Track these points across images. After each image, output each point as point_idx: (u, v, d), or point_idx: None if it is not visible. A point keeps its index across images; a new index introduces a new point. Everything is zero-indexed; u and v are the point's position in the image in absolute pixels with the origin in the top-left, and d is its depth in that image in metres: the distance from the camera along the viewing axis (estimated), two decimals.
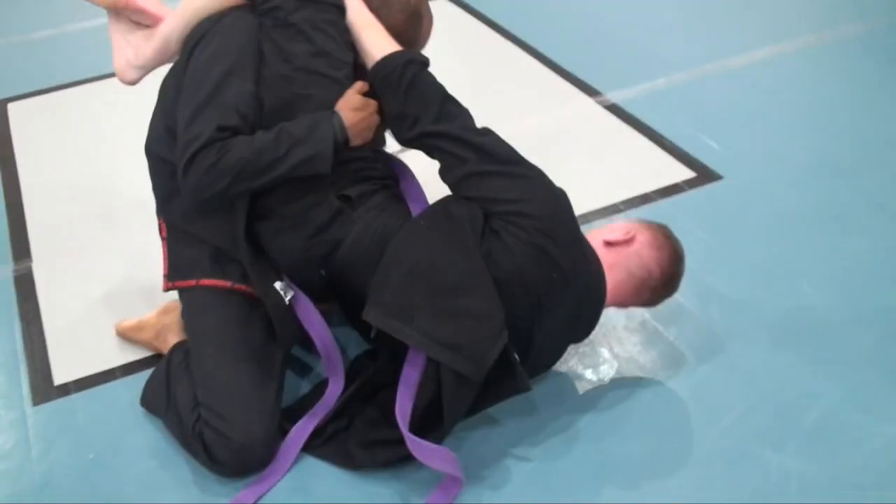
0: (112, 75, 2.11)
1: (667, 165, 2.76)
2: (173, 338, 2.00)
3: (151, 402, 1.91)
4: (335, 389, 1.86)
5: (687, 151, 2.80)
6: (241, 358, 1.79)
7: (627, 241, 1.86)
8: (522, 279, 1.70)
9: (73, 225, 2.62)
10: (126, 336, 2.12)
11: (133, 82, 2.05)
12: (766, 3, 3.85)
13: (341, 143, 1.74)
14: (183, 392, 1.82)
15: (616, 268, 1.84)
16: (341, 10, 1.82)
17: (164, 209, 1.94)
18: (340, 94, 1.77)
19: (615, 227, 1.90)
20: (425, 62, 1.83)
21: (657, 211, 2.54)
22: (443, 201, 1.80)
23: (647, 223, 1.93)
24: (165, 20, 1.96)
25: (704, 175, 2.69)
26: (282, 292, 1.81)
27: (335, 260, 1.80)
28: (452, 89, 1.85)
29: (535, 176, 1.80)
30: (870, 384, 1.95)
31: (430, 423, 1.69)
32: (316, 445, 1.82)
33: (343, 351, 2.01)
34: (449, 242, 1.70)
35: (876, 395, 1.92)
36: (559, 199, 1.79)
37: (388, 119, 1.83)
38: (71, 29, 3.90)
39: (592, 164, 2.79)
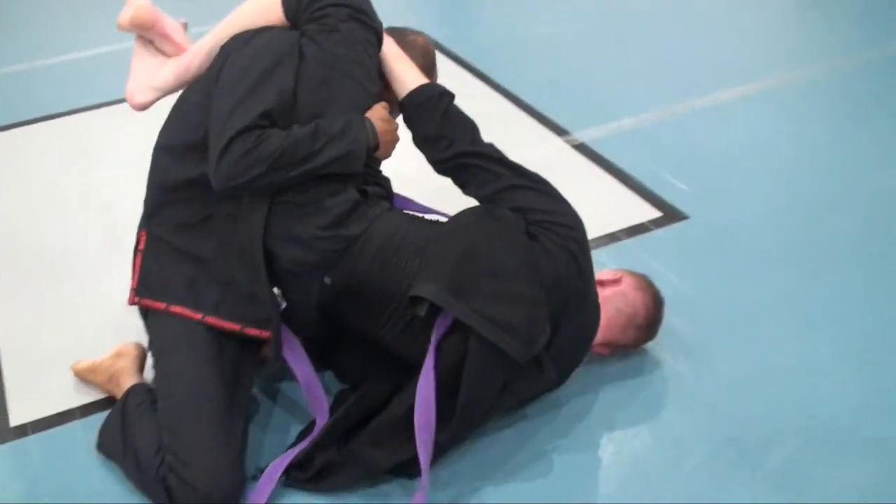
0: (76, 111, 2.11)
1: (634, 205, 2.77)
2: (127, 381, 1.97)
3: (107, 447, 1.87)
4: (321, 425, 1.85)
5: (653, 191, 2.82)
6: (209, 403, 1.76)
7: (616, 281, 2.03)
8: (559, 282, 1.83)
9: (31, 262, 2.59)
10: (81, 377, 2.09)
11: (144, 106, 2.06)
12: (732, 44, 3.91)
13: (372, 147, 1.81)
14: (143, 434, 1.78)
15: (606, 304, 1.98)
16: (379, 38, 1.93)
17: (152, 220, 1.92)
18: (369, 106, 1.86)
19: (603, 272, 2.05)
20: (454, 96, 1.98)
21: (624, 251, 2.55)
22: (482, 206, 1.92)
23: (633, 272, 2.09)
24: (191, 48, 2.01)
25: (670, 215, 2.71)
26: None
27: (346, 260, 1.80)
28: None
29: (561, 196, 1.97)
30: (832, 428, 1.94)
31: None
32: (305, 479, 1.80)
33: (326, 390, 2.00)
34: (501, 232, 1.83)
35: (838, 440, 1.92)
36: (580, 218, 1.95)
37: (423, 141, 1.96)
38: (39, 65, 3.89)
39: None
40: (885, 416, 1.97)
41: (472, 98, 3.48)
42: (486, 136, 1.99)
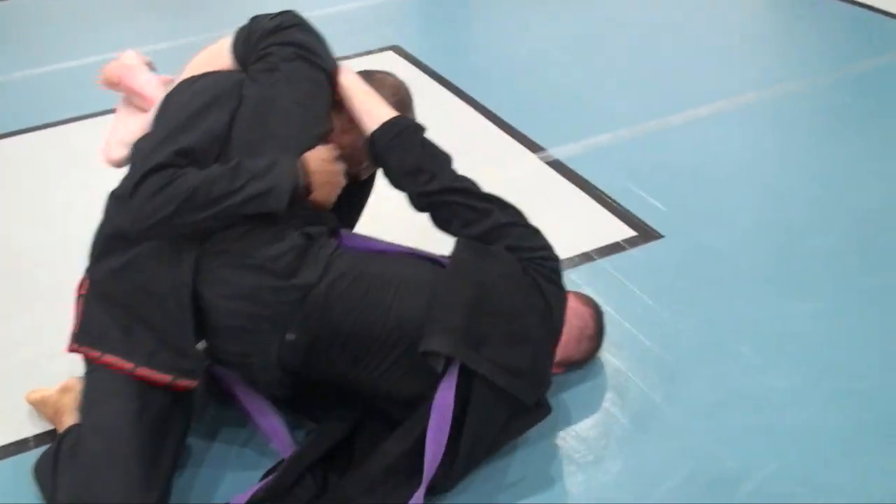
0: (51, 125, 2.07)
1: (608, 224, 2.73)
2: (67, 419, 1.90)
3: (42, 481, 1.81)
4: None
5: (628, 209, 2.78)
6: (123, 465, 1.66)
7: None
8: (551, 314, 1.83)
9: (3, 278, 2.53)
10: (33, 407, 2.02)
11: (117, 162, 1.99)
12: (707, 61, 3.89)
13: (301, 186, 1.70)
14: (64, 487, 1.70)
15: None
16: (329, 78, 1.85)
17: (95, 265, 1.84)
18: (311, 147, 1.76)
19: None
20: (426, 129, 1.91)
21: (597, 271, 2.50)
22: (477, 245, 1.84)
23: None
24: (156, 101, 1.95)
25: (645, 234, 2.67)
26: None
27: (308, 310, 1.69)
28: None
29: (536, 227, 1.94)
30: (806, 455, 1.90)
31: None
32: None
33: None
34: (504, 272, 1.79)
35: (811, 467, 1.87)
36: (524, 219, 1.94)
37: (402, 175, 1.86)
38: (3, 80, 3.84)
39: (532, 221, 2.74)
40: (864, 443, 1.93)
41: (445, 114, 3.49)
42: (459, 152, 1.95)
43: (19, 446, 1.97)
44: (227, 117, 1.72)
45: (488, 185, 2.94)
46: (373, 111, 1.87)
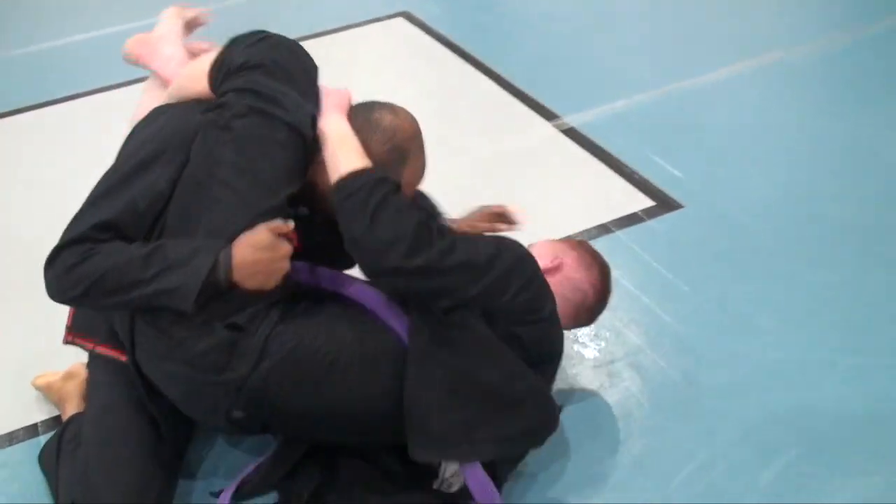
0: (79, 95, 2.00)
1: (625, 194, 2.66)
2: (70, 407, 1.87)
3: (46, 468, 1.80)
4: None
5: (646, 178, 2.71)
6: (127, 463, 1.63)
7: (556, 268, 1.78)
8: (541, 361, 1.69)
9: (13, 264, 2.49)
10: (40, 391, 2.00)
11: None
12: (728, 21, 3.76)
13: (222, 282, 1.46)
14: (64, 481, 1.68)
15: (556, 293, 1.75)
16: (300, 134, 1.56)
17: None
18: (251, 224, 1.49)
19: (540, 252, 1.79)
20: (399, 184, 1.57)
21: (614, 242, 2.44)
22: (440, 322, 1.57)
23: (570, 242, 1.88)
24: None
25: (664, 204, 2.60)
26: None
27: (250, 393, 1.54)
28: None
29: (508, 261, 1.61)
30: (830, 438, 1.84)
31: None
32: None
33: None
34: (476, 345, 1.58)
35: (837, 449, 1.81)
36: (519, 255, 1.65)
37: (350, 245, 1.55)
38: (16, 54, 3.77)
39: (547, 192, 2.69)
40: (891, 422, 1.87)
41: (456, 81, 3.41)
42: (471, 121, 1.83)
43: (28, 431, 1.95)
44: (173, 173, 1.53)
45: (501, 155, 2.93)
46: (338, 163, 1.56)
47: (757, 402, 1.93)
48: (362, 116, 1.64)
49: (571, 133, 2.97)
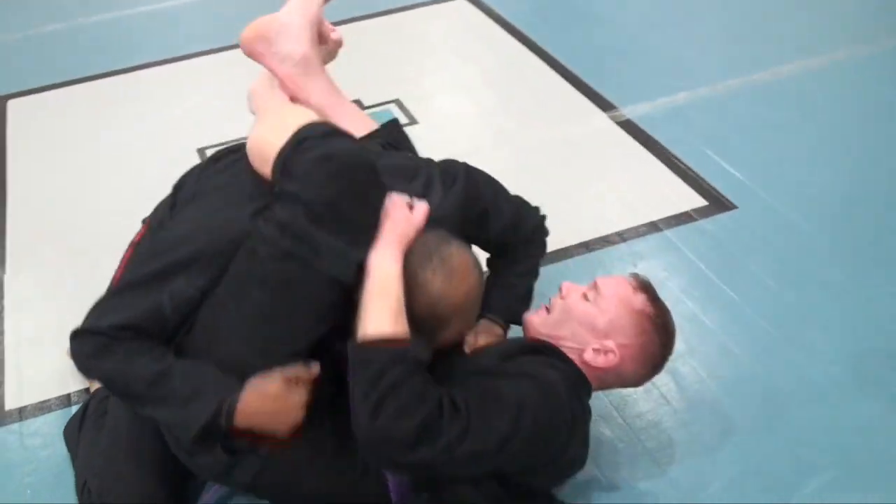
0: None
1: (677, 191, 2.58)
2: (96, 382, 1.89)
3: (68, 440, 1.83)
4: None
5: (701, 175, 2.62)
6: (145, 460, 1.63)
7: (608, 353, 1.59)
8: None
9: (54, 235, 2.53)
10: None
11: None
12: (795, 15, 3.60)
13: (222, 427, 1.41)
14: (82, 456, 1.70)
15: (601, 384, 1.65)
16: (338, 281, 1.45)
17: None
18: (266, 368, 1.44)
19: (587, 337, 1.61)
20: (421, 361, 1.43)
21: (661, 242, 2.37)
22: None
23: (644, 312, 1.62)
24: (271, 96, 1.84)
25: (718, 204, 2.51)
26: None
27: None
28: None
29: (523, 441, 1.46)
30: (869, 460, 1.76)
31: None
32: None
33: None
34: None
35: (874, 473, 1.74)
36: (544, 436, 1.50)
37: (352, 422, 1.40)
38: (81, 23, 3.83)
39: (597, 186, 2.63)
40: None
41: (514, 67, 3.35)
42: (525, 108, 1.73)
43: (61, 401, 1.99)
44: (206, 283, 1.47)
45: (554, 144, 2.87)
46: (367, 318, 1.42)
47: (795, 418, 1.86)
48: (416, 265, 1.47)
49: (627, 125, 2.89)
